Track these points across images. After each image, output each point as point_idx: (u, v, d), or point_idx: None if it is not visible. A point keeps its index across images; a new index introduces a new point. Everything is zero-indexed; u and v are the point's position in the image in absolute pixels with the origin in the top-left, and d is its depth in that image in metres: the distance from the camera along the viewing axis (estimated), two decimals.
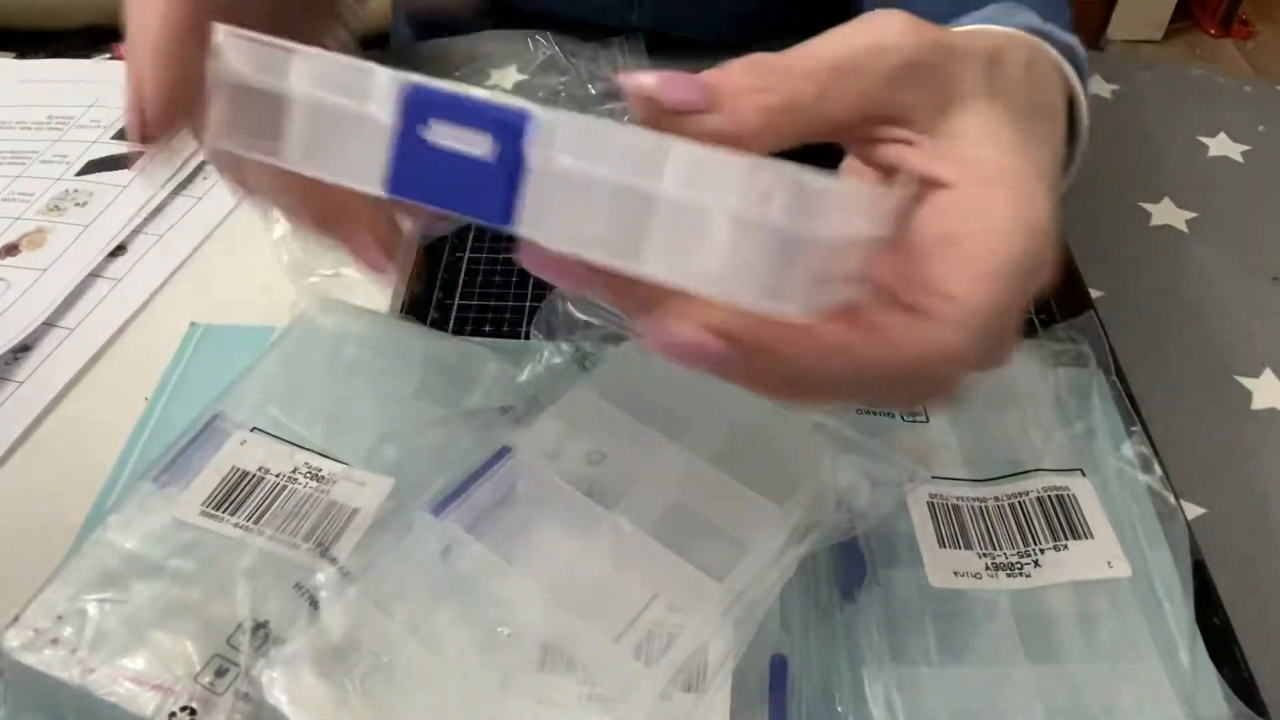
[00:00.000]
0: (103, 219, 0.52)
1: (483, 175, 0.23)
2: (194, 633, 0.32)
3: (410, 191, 0.24)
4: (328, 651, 0.31)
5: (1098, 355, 0.42)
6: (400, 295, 0.47)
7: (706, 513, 0.35)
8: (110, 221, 0.52)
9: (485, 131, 0.23)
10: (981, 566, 0.35)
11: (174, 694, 0.31)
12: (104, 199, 0.53)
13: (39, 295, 0.47)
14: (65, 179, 0.55)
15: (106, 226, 0.51)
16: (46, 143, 0.58)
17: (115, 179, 0.55)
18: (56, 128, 0.59)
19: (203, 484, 0.37)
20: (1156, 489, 0.38)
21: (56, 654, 0.32)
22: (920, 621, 0.34)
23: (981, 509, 0.37)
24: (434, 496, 0.35)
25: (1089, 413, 0.40)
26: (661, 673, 0.31)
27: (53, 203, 0.53)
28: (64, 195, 0.53)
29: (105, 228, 0.51)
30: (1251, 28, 2.12)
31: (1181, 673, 0.32)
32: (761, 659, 0.32)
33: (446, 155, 0.23)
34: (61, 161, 0.56)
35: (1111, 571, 0.35)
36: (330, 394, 0.40)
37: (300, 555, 0.35)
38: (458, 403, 0.39)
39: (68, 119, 0.60)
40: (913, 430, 0.39)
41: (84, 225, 0.51)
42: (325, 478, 0.37)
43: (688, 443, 0.36)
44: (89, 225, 0.51)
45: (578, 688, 0.31)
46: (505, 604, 0.33)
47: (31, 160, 0.56)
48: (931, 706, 0.32)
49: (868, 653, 0.33)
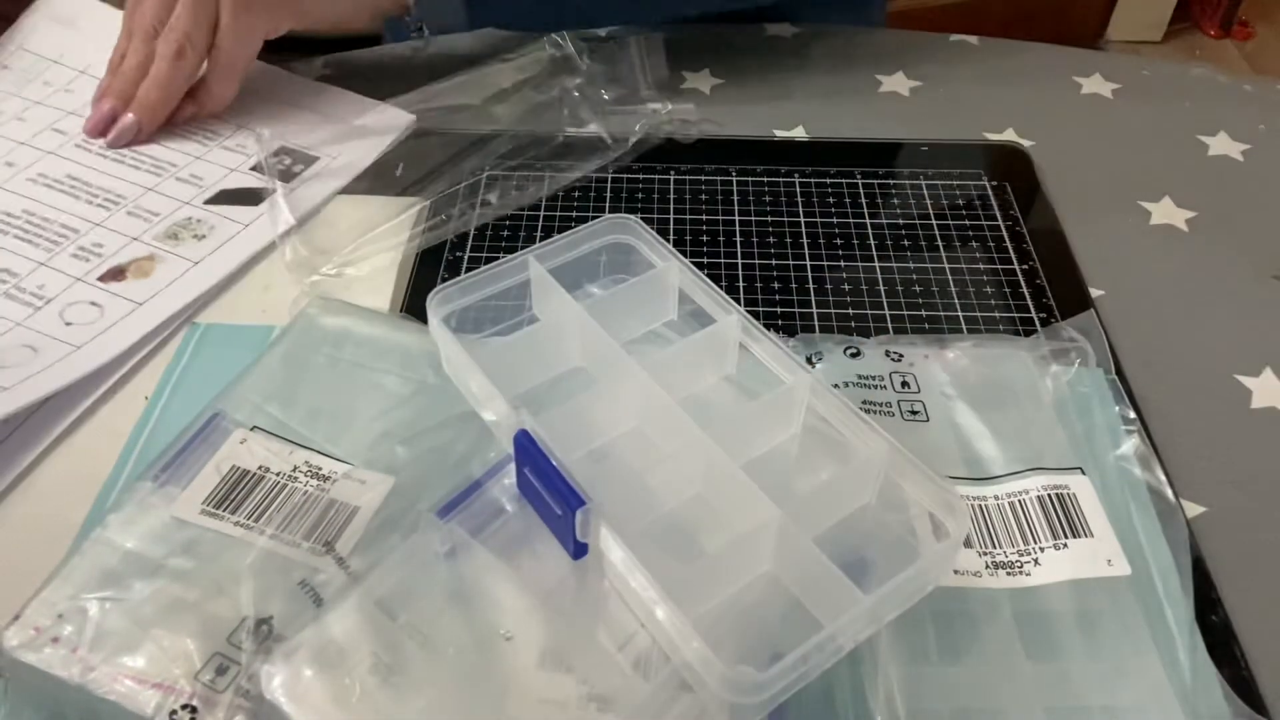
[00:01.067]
0: (213, 258, 0.49)
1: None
2: (194, 631, 0.32)
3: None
4: (329, 650, 0.31)
5: (1098, 355, 0.42)
6: (400, 295, 0.47)
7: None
8: (219, 262, 0.49)
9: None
10: (981, 565, 0.35)
11: (174, 692, 0.31)
12: (223, 234, 0.50)
13: (123, 331, 0.45)
14: (193, 204, 0.52)
15: (214, 268, 0.48)
16: (188, 158, 0.55)
17: (240, 215, 0.52)
18: (202, 142, 0.57)
19: (203, 483, 0.37)
20: (1156, 488, 0.38)
21: (57, 652, 0.32)
22: (920, 620, 0.34)
23: (981, 508, 0.37)
24: (439, 499, 0.35)
25: (1089, 412, 0.40)
26: (661, 687, 0.31)
27: (173, 229, 0.50)
28: (185, 223, 0.51)
29: (212, 269, 0.48)
30: (1251, 29, 2.12)
31: (1181, 671, 0.32)
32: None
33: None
34: (195, 184, 0.53)
35: (1111, 570, 0.35)
36: (330, 393, 0.40)
37: (301, 554, 0.35)
38: (458, 402, 0.39)
39: (214, 136, 0.57)
40: (912, 429, 0.39)
41: (194, 262, 0.48)
42: (325, 477, 0.37)
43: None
44: (198, 263, 0.48)
45: (578, 687, 0.31)
46: (507, 608, 0.33)
47: (168, 175, 0.54)
48: (931, 706, 0.32)
49: (867, 652, 0.33)
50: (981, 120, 0.59)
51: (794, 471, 0.37)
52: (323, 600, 0.33)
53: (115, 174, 0.54)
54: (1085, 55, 0.65)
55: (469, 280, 0.40)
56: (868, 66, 0.63)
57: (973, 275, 0.48)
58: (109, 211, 0.52)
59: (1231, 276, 0.49)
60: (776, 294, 0.47)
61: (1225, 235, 0.51)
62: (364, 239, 0.50)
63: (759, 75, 0.63)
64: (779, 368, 0.38)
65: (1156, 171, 0.55)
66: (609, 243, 0.43)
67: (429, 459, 0.38)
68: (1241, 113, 0.60)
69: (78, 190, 0.53)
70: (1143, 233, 0.52)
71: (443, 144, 0.56)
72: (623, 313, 0.41)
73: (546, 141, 0.56)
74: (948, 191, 0.53)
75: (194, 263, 0.49)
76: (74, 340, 0.44)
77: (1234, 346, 0.45)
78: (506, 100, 0.59)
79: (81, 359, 0.43)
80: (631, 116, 0.57)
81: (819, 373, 0.39)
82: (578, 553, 0.34)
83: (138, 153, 0.56)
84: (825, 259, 0.49)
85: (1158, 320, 0.47)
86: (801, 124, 0.58)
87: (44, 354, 0.43)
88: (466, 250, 0.50)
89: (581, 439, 0.37)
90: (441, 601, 0.34)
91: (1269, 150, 0.57)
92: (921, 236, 0.50)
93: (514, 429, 0.34)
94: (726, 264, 0.49)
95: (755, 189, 0.53)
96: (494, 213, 0.51)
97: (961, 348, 0.43)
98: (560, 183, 0.53)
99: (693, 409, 0.36)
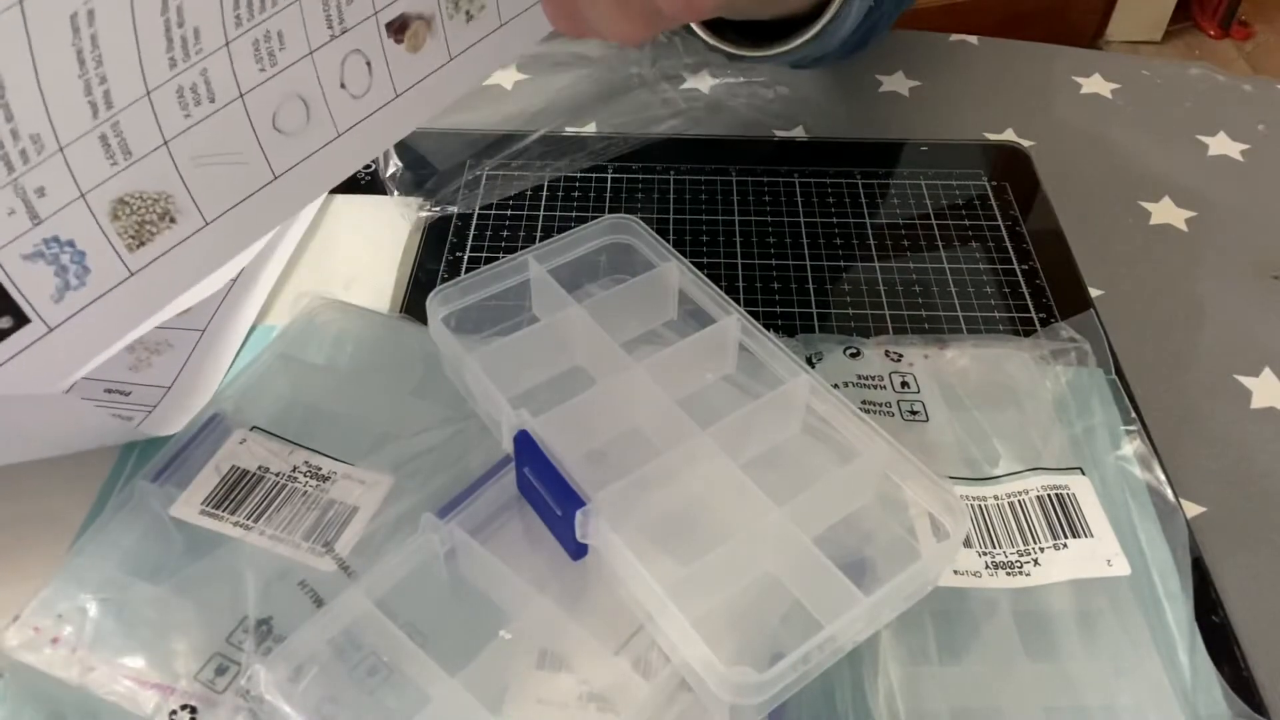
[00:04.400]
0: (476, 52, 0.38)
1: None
2: (194, 631, 0.32)
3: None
4: (329, 650, 0.31)
5: (1098, 355, 0.42)
6: (400, 295, 0.47)
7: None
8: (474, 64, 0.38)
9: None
10: (981, 565, 0.35)
11: (174, 693, 0.31)
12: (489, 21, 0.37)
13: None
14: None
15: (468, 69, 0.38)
16: None
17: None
18: None
19: (202, 483, 0.37)
20: (1156, 488, 0.38)
21: (56, 653, 0.32)
22: (920, 620, 0.34)
23: (981, 508, 0.37)
24: (439, 499, 0.35)
25: (1089, 412, 0.40)
26: (660, 687, 0.31)
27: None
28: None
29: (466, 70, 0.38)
30: (1251, 29, 2.12)
31: (1181, 672, 0.33)
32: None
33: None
34: None
35: (1111, 570, 0.35)
36: (330, 393, 0.40)
37: (301, 554, 0.35)
38: (458, 402, 0.39)
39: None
40: (912, 429, 0.39)
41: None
42: (325, 477, 0.37)
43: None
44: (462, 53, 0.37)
45: (577, 687, 0.31)
46: (507, 609, 0.33)
47: None
48: (931, 705, 0.32)
49: (867, 652, 0.33)
50: (981, 120, 0.59)
51: (794, 471, 0.37)
52: (323, 600, 0.33)
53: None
54: (1085, 55, 0.65)
55: (469, 280, 0.40)
56: (868, 66, 0.63)
57: (972, 275, 0.48)
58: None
59: (1231, 276, 0.49)
60: (776, 294, 0.47)
61: (1225, 235, 0.51)
62: (368, 237, 0.50)
63: (759, 75, 0.63)
64: (779, 368, 0.38)
65: (1156, 171, 0.55)
66: (609, 243, 0.43)
67: (429, 459, 0.38)
68: (1241, 112, 0.60)
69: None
70: (1142, 233, 0.52)
71: (443, 143, 0.56)
72: (623, 313, 0.41)
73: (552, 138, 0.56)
74: (947, 191, 0.53)
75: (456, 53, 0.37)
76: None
77: (1234, 346, 0.45)
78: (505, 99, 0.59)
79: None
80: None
81: (819, 373, 0.39)
82: (578, 553, 0.34)
83: None
84: (825, 259, 0.49)
85: (1158, 320, 0.47)
86: (801, 124, 0.58)
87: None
88: (466, 250, 0.50)
89: (581, 439, 0.37)
90: (441, 601, 0.34)
91: (1268, 150, 0.57)
92: (921, 236, 0.50)
93: (514, 429, 0.34)
94: (726, 264, 0.49)
95: (755, 189, 0.53)
96: (496, 195, 0.51)
97: (961, 348, 0.43)
98: (560, 174, 0.53)
99: (693, 409, 0.36)
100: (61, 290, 0.29)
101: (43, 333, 0.29)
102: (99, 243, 0.29)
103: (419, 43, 0.35)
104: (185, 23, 0.27)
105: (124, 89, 0.27)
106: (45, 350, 0.29)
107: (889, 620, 0.32)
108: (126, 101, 0.27)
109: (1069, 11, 1.97)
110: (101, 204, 0.28)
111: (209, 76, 0.29)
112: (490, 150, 0.55)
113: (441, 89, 0.37)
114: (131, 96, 0.27)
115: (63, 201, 0.27)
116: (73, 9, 0.25)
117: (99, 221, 0.29)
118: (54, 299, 0.29)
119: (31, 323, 0.29)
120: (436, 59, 0.36)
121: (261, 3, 0.29)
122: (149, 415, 0.40)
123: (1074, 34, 1.98)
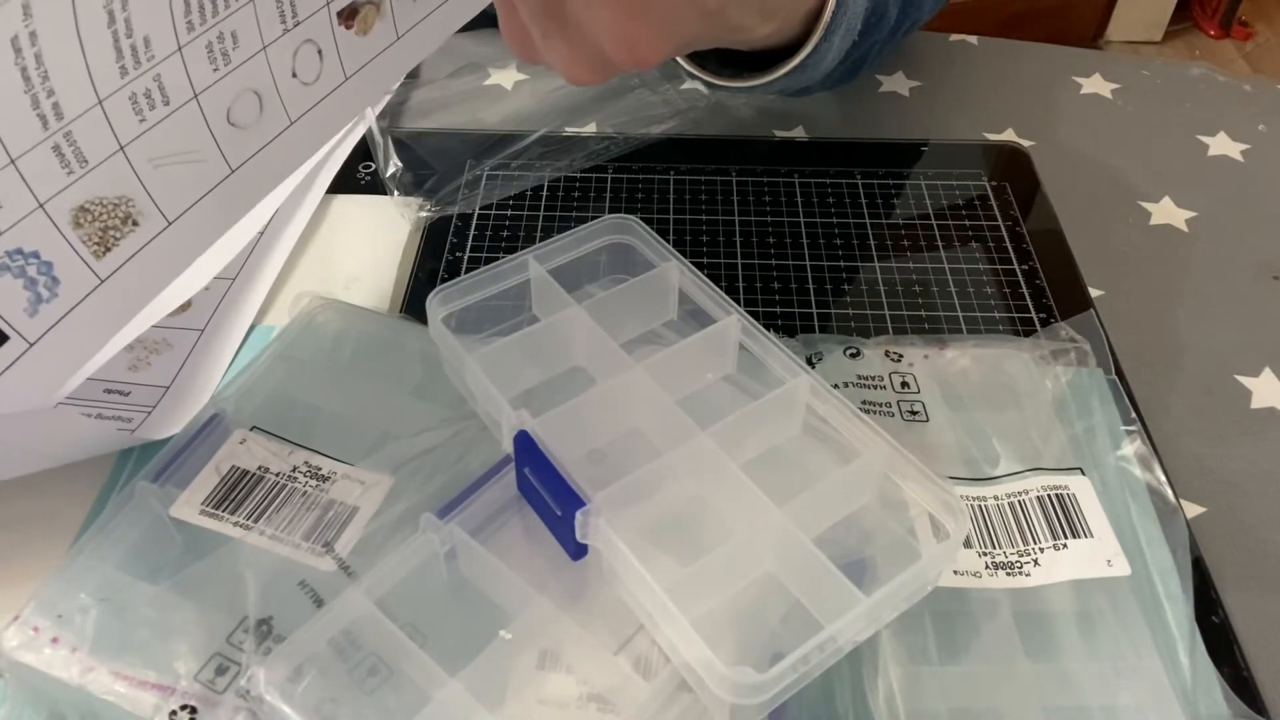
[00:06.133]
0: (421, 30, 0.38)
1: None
2: (194, 631, 0.32)
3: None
4: (329, 650, 0.31)
5: (1098, 355, 0.42)
6: (400, 295, 0.47)
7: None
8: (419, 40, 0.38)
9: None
10: (981, 566, 0.35)
11: (174, 693, 0.31)
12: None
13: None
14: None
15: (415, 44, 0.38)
16: None
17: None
18: None
19: (202, 483, 0.37)
20: (1156, 488, 0.38)
21: (56, 653, 0.32)
22: (920, 620, 0.34)
23: (981, 508, 0.37)
24: (439, 499, 0.35)
25: (1088, 412, 0.40)
26: (660, 687, 0.31)
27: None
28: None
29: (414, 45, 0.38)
30: (1251, 29, 2.12)
31: (1181, 672, 0.33)
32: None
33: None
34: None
35: (1111, 570, 0.35)
36: (330, 393, 0.40)
37: (301, 554, 0.35)
38: (458, 402, 0.39)
39: None
40: (912, 430, 0.39)
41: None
42: (325, 477, 0.37)
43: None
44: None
45: (577, 687, 0.31)
46: (507, 609, 0.33)
47: None
48: (931, 705, 0.32)
49: (867, 652, 0.33)
50: (981, 120, 0.59)
51: (794, 472, 0.37)
52: (323, 600, 0.33)
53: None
54: (1085, 55, 0.65)
55: (469, 280, 0.40)
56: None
57: (972, 275, 0.48)
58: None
59: (1231, 276, 0.49)
60: (776, 294, 0.47)
61: (1225, 235, 0.51)
62: (366, 236, 0.50)
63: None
64: (779, 368, 0.38)
65: (1156, 171, 0.55)
66: (609, 243, 0.43)
67: (429, 459, 0.38)
68: (1241, 113, 0.60)
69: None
70: (1142, 233, 0.52)
71: (443, 143, 0.56)
72: (622, 313, 0.41)
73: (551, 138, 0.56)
74: (947, 191, 0.53)
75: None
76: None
77: (1234, 346, 0.45)
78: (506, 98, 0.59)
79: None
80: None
81: (819, 373, 0.39)
82: (578, 553, 0.34)
83: None
84: (825, 259, 0.49)
85: (1158, 320, 0.47)
86: (801, 124, 0.58)
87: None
88: (466, 250, 0.50)
89: (581, 439, 0.37)
90: (441, 602, 0.34)
91: (1269, 150, 0.57)
92: (921, 236, 0.50)
93: (514, 429, 0.34)
94: (726, 264, 0.49)
95: (755, 189, 0.53)
96: (496, 196, 0.51)
97: (962, 348, 0.43)
98: (560, 173, 0.53)
99: (693, 409, 0.36)
100: (35, 303, 0.29)
101: (23, 349, 0.29)
102: (64, 252, 0.29)
103: (368, 26, 0.35)
104: (134, 33, 0.27)
105: (74, 100, 0.27)
106: (29, 366, 0.29)
107: (889, 620, 0.32)
108: (77, 112, 0.27)
109: (1069, 11, 1.97)
110: (62, 213, 0.28)
111: (162, 81, 0.29)
112: (490, 150, 0.55)
113: (390, 67, 0.38)
114: (82, 106, 0.27)
115: (21, 213, 0.27)
116: (13, 32, 0.25)
117: (61, 230, 0.28)
118: (28, 313, 0.29)
119: (10, 339, 0.29)
120: (385, 39, 0.37)
121: (214, 6, 0.29)
122: (148, 416, 0.40)
123: (1074, 34, 1.98)
